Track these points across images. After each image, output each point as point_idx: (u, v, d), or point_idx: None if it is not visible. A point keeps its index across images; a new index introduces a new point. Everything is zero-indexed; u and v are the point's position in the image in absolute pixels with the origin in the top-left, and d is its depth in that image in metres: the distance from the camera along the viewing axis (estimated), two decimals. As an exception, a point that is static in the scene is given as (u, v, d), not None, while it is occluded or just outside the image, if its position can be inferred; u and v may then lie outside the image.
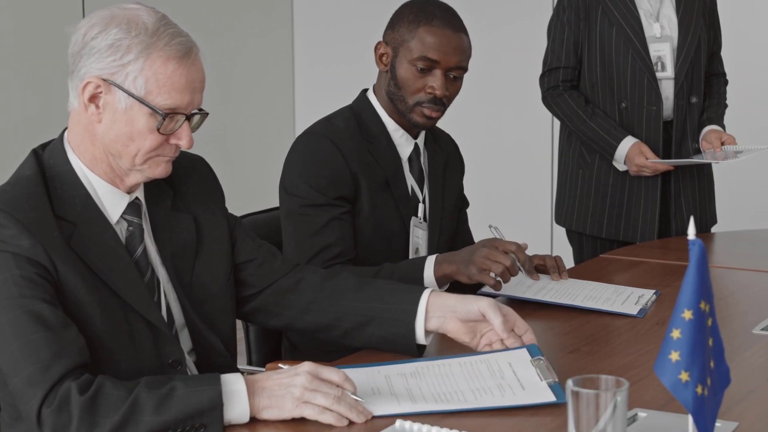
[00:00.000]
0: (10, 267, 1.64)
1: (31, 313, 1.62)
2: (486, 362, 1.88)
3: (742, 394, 1.77)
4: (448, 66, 2.41)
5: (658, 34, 3.23)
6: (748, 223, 4.27)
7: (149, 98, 1.71)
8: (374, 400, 1.70)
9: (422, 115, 2.43)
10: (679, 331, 1.33)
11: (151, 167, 1.78)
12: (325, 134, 2.42)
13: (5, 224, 1.66)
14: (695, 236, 1.34)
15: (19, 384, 1.60)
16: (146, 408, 1.58)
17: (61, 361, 1.60)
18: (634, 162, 3.17)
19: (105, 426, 1.57)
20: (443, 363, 1.89)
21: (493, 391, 1.76)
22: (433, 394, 1.75)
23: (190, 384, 1.61)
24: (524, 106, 4.93)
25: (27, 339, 1.61)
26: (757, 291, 2.53)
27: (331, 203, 2.38)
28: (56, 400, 1.58)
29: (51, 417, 1.57)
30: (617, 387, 1.40)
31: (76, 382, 1.59)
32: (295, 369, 1.67)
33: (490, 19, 5.12)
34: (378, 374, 1.84)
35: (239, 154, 5.39)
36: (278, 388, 1.64)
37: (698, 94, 3.29)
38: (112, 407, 1.58)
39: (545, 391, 1.75)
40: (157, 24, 1.73)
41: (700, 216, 3.34)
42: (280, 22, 5.67)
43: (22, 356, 1.60)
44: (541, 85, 3.35)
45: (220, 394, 1.60)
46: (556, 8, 3.33)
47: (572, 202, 3.36)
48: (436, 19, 2.40)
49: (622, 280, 2.67)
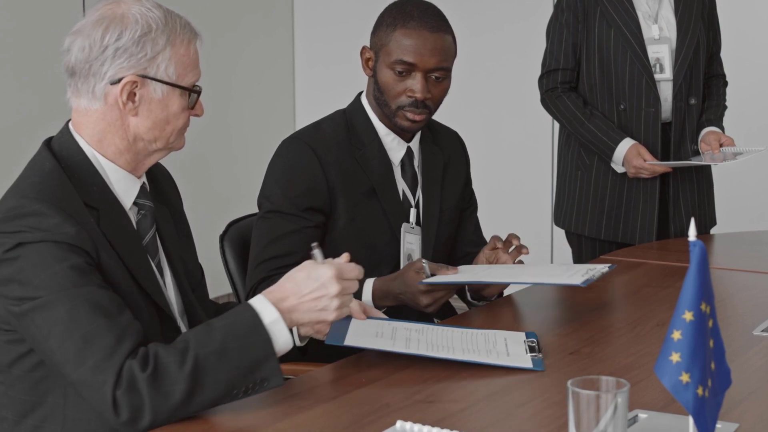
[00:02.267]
0: (58, 258, 1.67)
1: (88, 302, 1.66)
2: (484, 334, 2.09)
3: (742, 395, 1.77)
4: (427, 68, 2.37)
5: (656, 36, 3.24)
6: (748, 225, 4.28)
7: (180, 81, 1.82)
8: (372, 340, 1.90)
9: (406, 119, 2.40)
10: (679, 332, 1.33)
11: (177, 142, 1.88)
12: (308, 142, 2.40)
13: (48, 213, 1.69)
14: (696, 237, 1.34)
15: (86, 373, 1.63)
16: (207, 369, 1.64)
17: (123, 344, 1.64)
18: (632, 164, 3.17)
19: (175, 395, 1.62)
20: (449, 328, 2.11)
21: (480, 353, 1.96)
22: (426, 344, 1.96)
23: (238, 335, 1.67)
24: (524, 107, 4.93)
25: (87, 329, 1.64)
26: (757, 292, 2.53)
27: (297, 214, 2.36)
28: (125, 382, 1.61)
29: (125, 399, 1.61)
30: (618, 388, 1.40)
31: (135, 360, 1.63)
32: (319, 279, 1.75)
33: (489, 21, 5.12)
34: (387, 324, 2.06)
35: (239, 154, 5.39)
36: (312, 305, 1.74)
37: (697, 95, 3.29)
38: (174, 376, 1.63)
39: (526, 360, 1.93)
40: (164, 13, 1.82)
41: (699, 217, 3.34)
42: (281, 22, 5.67)
43: (85, 346, 1.63)
44: (539, 87, 3.36)
45: (270, 342, 1.68)
46: (555, 10, 3.33)
47: (571, 204, 3.36)
48: (412, 20, 2.36)
49: (622, 281, 2.68)
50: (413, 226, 2.48)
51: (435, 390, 1.81)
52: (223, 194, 5.10)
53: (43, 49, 4.48)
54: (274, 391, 1.74)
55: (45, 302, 1.65)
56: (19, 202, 1.71)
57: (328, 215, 2.39)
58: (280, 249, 2.35)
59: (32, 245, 1.67)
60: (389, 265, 2.45)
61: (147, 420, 1.62)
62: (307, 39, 5.69)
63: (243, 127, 5.43)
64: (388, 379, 1.88)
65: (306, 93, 5.70)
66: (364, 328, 2.00)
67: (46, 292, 1.65)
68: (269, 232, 2.37)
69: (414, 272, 2.25)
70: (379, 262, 2.44)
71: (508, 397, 1.80)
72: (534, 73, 3.40)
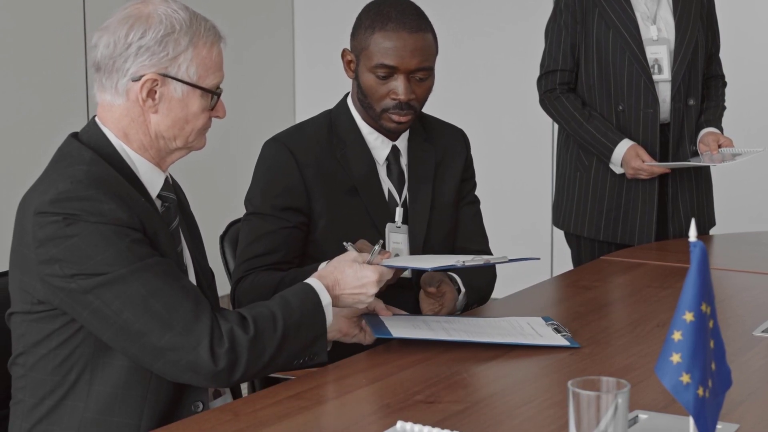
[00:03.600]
0: (119, 235, 1.73)
1: (159, 272, 1.75)
2: (507, 321, 2.23)
3: (742, 396, 1.77)
4: (409, 69, 2.34)
5: (654, 37, 3.24)
6: (747, 225, 4.28)
7: (201, 82, 1.87)
8: (415, 331, 2.08)
9: (391, 121, 2.39)
10: (680, 332, 1.33)
11: (198, 142, 1.93)
12: (286, 143, 2.41)
13: (102, 199, 1.74)
14: (696, 238, 1.34)
15: (175, 337, 1.73)
16: (288, 339, 1.83)
17: (202, 305, 1.77)
18: (631, 165, 3.17)
19: (264, 356, 1.80)
20: (471, 319, 2.26)
21: (516, 336, 2.11)
22: (465, 332, 2.12)
23: (306, 313, 1.87)
24: (524, 108, 4.93)
25: (166, 297, 1.74)
26: (758, 293, 2.53)
27: (274, 215, 2.37)
28: (227, 341, 1.75)
29: (225, 356, 1.74)
30: (618, 389, 1.40)
31: (236, 324, 1.78)
32: (362, 279, 1.97)
33: (489, 22, 5.12)
34: (416, 318, 2.22)
35: (239, 154, 5.39)
36: (350, 298, 1.97)
37: (695, 96, 3.29)
38: (268, 339, 1.80)
39: (561, 339, 2.10)
40: (189, 14, 1.87)
41: (698, 218, 3.33)
42: (281, 22, 5.67)
43: (168, 313, 1.74)
44: (538, 88, 3.36)
45: (325, 322, 1.90)
46: (554, 11, 3.33)
47: (570, 205, 3.36)
48: (390, 22, 2.33)
49: (621, 282, 2.68)
50: (399, 225, 2.45)
51: (435, 390, 1.81)
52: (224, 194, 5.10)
53: (44, 49, 4.48)
54: (274, 391, 1.74)
55: (115, 277, 1.72)
56: (73, 186, 1.74)
57: (308, 215, 2.40)
58: (259, 248, 2.37)
59: (87, 225, 1.72)
60: None
61: (239, 373, 1.77)
62: (307, 39, 5.69)
63: (243, 127, 5.43)
64: (389, 380, 1.88)
65: (306, 93, 5.71)
66: (398, 322, 2.15)
67: (113, 267, 1.72)
68: (250, 234, 2.40)
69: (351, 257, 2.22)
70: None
71: (509, 397, 1.80)
72: (533, 74, 3.40)
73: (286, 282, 2.30)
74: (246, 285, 2.37)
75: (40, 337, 1.80)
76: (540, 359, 2.07)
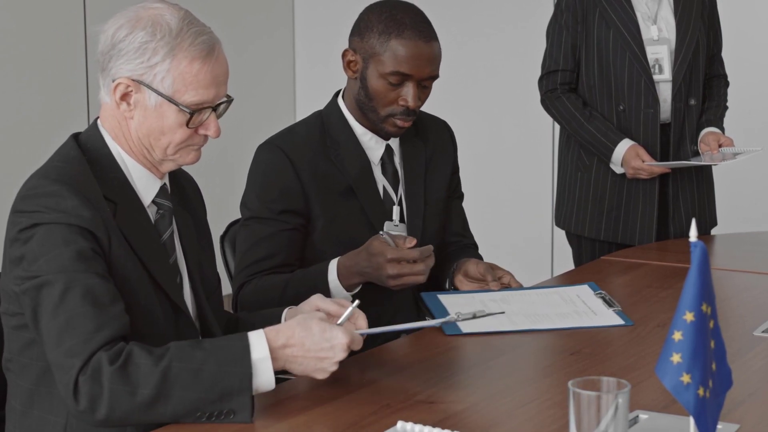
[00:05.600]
0: (67, 241, 1.69)
1: (81, 288, 1.67)
2: (557, 293, 2.39)
3: (743, 396, 1.77)
4: (421, 77, 2.35)
5: (655, 37, 3.23)
6: (749, 226, 4.28)
7: (177, 96, 1.79)
8: (482, 323, 2.15)
9: (394, 126, 2.39)
10: (680, 333, 1.33)
11: (182, 156, 1.86)
12: (280, 146, 2.40)
13: (67, 195, 1.71)
14: (696, 238, 1.34)
15: (60, 356, 1.65)
16: (177, 382, 1.63)
17: (102, 333, 1.65)
18: (631, 165, 3.17)
19: (135, 398, 1.62)
20: (524, 293, 2.38)
21: (572, 316, 2.24)
22: (528, 317, 2.23)
23: (221, 361, 1.66)
24: (525, 108, 4.92)
25: (73, 313, 1.66)
26: (758, 293, 2.53)
27: (273, 218, 2.36)
28: (89, 370, 1.62)
29: (86, 386, 1.62)
30: (619, 389, 1.40)
31: (107, 352, 1.64)
32: (333, 342, 1.71)
33: (489, 23, 5.12)
34: (474, 299, 2.31)
35: (239, 154, 5.39)
36: (312, 362, 1.72)
37: (696, 96, 3.29)
38: (141, 377, 1.63)
39: (614, 316, 2.24)
40: (181, 24, 1.79)
41: (699, 218, 3.33)
42: (281, 22, 5.66)
43: (67, 328, 1.65)
44: (539, 88, 3.35)
45: (250, 377, 1.66)
46: (555, 11, 3.33)
47: (571, 205, 3.36)
48: (407, 29, 2.33)
49: (622, 282, 2.67)
50: (397, 223, 2.46)
51: (436, 390, 1.81)
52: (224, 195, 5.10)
53: (44, 49, 4.48)
54: (275, 392, 1.74)
55: (43, 281, 1.68)
56: (39, 182, 1.74)
57: (306, 217, 2.39)
58: (260, 253, 2.36)
59: (46, 226, 1.70)
60: None
61: (102, 413, 1.62)
62: (307, 39, 5.69)
63: (243, 127, 5.42)
64: (389, 380, 1.88)
65: (306, 93, 5.70)
66: (456, 301, 2.28)
67: (45, 271, 1.68)
68: (248, 238, 2.39)
69: (378, 242, 2.22)
70: None
71: (509, 397, 1.80)
72: (534, 74, 3.40)
73: (292, 284, 2.31)
74: (249, 290, 2.36)
75: (21, 345, 1.78)
76: (540, 359, 2.07)
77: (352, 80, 2.43)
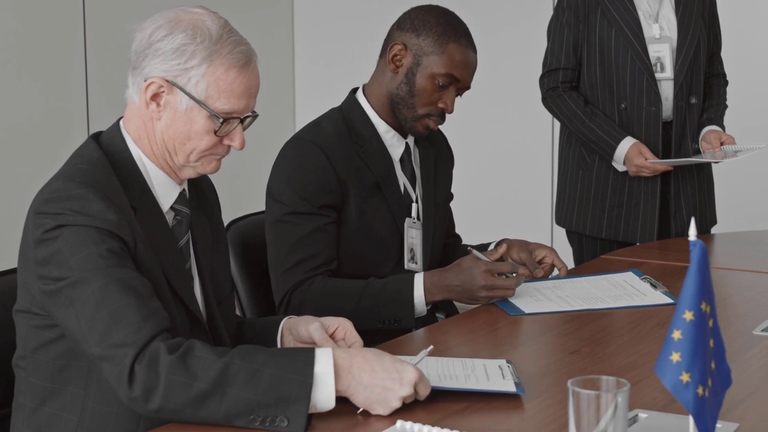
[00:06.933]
0: (96, 241, 1.69)
1: (120, 281, 1.67)
2: (606, 279, 2.54)
3: (742, 395, 1.77)
4: (465, 85, 2.43)
5: (657, 35, 3.23)
6: (749, 225, 4.28)
7: (209, 102, 1.79)
8: (547, 304, 2.33)
9: (425, 127, 2.44)
10: (680, 332, 1.33)
11: (203, 164, 1.86)
12: (314, 140, 2.40)
13: (93, 199, 1.71)
14: (696, 237, 1.34)
15: (108, 349, 1.64)
16: (235, 380, 1.61)
17: (150, 323, 1.65)
18: (633, 162, 3.17)
19: (191, 390, 1.60)
20: (575, 280, 2.56)
21: (624, 298, 2.40)
22: (584, 300, 2.39)
23: (282, 366, 1.62)
24: (525, 107, 4.93)
25: (117, 305, 1.65)
26: (758, 292, 2.53)
27: (315, 212, 2.36)
28: (146, 358, 1.62)
29: (142, 374, 1.61)
30: (618, 388, 1.40)
31: (165, 342, 1.63)
32: (402, 375, 1.67)
33: (491, 21, 5.12)
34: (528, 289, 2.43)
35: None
36: (376, 390, 1.66)
37: (698, 94, 3.29)
38: (200, 370, 1.61)
39: (662, 297, 2.39)
40: (221, 31, 1.80)
41: (700, 217, 3.33)
42: (281, 21, 5.66)
43: (113, 321, 1.65)
44: (540, 87, 3.36)
45: (309, 386, 1.61)
46: (556, 10, 3.33)
47: (572, 203, 3.36)
48: (463, 38, 2.40)
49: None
50: (415, 220, 2.50)
51: (435, 390, 1.81)
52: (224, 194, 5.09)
53: (44, 50, 4.48)
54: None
55: (78, 279, 1.67)
56: (64, 185, 1.73)
57: (339, 211, 2.40)
58: (306, 251, 2.36)
59: (72, 228, 1.69)
60: (392, 259, 2.46)
61: (156, 402, 1.61)
62: (307, 38, 5.69)
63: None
64: (389, 379, 1.88)
65: (306, 92, 5.70)
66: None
67: (79, 270, 1.67)
68: (290, 236, 2.37)
69: (470, 257, 2.32)
70: (383, 256, 2.46)
71: (509, 397, 1.80)
72: (535, 72, 3.40)
73: (368, 295, 2.33)
74: (314, 292, 2.34)
75: (39, 343, 1.79)
76: (540, 359, 2.07)
77: (391, 73, 2.43)
